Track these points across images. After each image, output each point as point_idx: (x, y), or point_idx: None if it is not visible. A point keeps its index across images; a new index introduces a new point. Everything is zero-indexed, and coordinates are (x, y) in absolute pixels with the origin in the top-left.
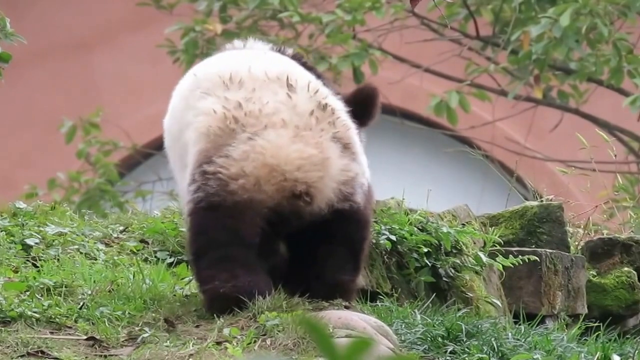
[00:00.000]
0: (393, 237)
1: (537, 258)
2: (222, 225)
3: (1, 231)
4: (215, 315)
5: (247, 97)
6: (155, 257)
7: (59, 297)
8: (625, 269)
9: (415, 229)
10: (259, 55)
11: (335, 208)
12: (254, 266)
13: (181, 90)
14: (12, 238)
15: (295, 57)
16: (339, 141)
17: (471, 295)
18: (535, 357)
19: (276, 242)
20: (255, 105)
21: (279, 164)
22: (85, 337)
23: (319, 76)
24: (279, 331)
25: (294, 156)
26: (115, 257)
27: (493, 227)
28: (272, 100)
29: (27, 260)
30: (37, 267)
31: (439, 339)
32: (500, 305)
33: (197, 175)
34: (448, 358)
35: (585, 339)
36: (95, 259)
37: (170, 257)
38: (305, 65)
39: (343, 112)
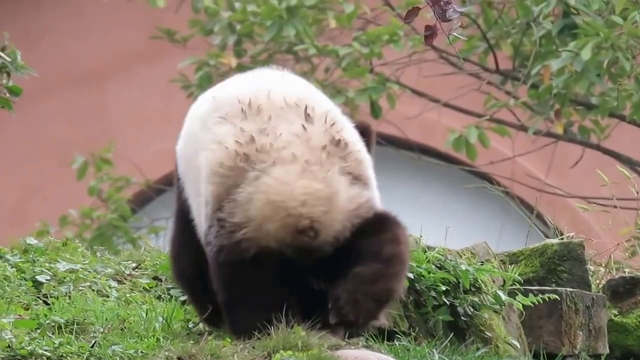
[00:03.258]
0: (411, 275)
1: (557, 297)
2: (241, 276)
3: (12, 267)
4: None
5: (261, 128)
6: (169, 294)
7: (70, 335)
8: None
9: (433, 266)
10: (278, 77)
11: (356, 225)
12: (280, 299)
13: (198, 112)
14: (22, 275)
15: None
16: (349, 174)
17: (490, 334)
18: None
19: (302, 276)
20: (268, 138)
21: (282, 200)
22: None
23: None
24: None
25: (298, 192)
26: (128, 295)
27: (513, 265)
28: (287, 131)
29: (38, 298)
30: (48, 304)
31: None
32: (519, 345)
33: (214, 221)
34: None
35: None
36: (108, 296)
37: (183, 295)
38: None
39: (357, 145)
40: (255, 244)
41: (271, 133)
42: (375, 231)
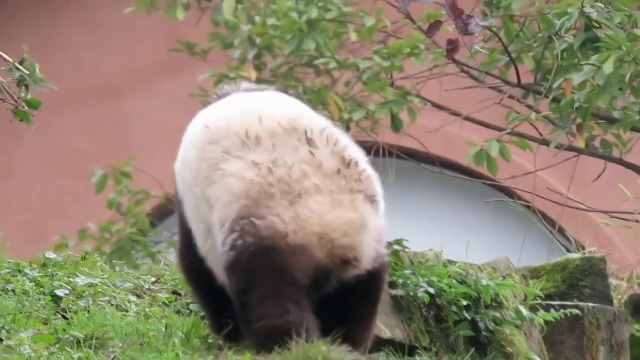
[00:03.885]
0: (431, 290)
1: (579, 312)
2: (274, 263)
3: (31, 282)
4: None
5: (272, 159)
6: (188, 309)
7: (89, 350)
8: None
9: (454, 281)
10: (262, 99)
11: (370, 268)
12: (304, 303)
13: (193, 139)
14: (41, 289)
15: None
16: (368, 198)
17: (511, 349)
18: None
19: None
20: (281, 169)
21: (326, 232)
22: None
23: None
24: None
25: (337, 222)
26: (147, 309)
27: (534, 280)
28: (296, 160)
29: (57, 312)
30: (67, 318)
31: None
32: None
33: (238, 226)
34: None
35: None
36: (127, 311)
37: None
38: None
39: (362, 160)
40: (302, 246)
41: (282, 164)
42: (361, 297)
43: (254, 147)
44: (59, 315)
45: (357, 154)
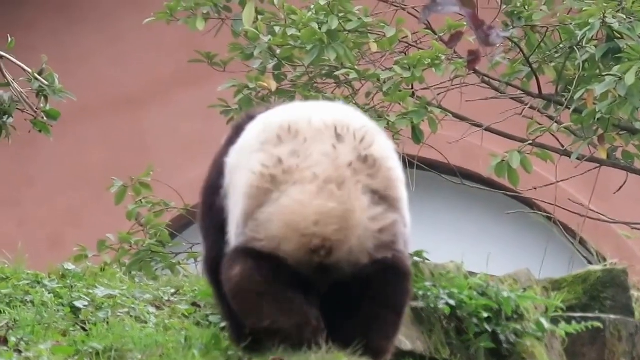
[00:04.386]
0: (452, 302)
1: (600, 324)
2: (264, 269)
3: (49, 293)
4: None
5: (293, 150)
6: (208, 320)
7: None
8: None
9: (475, 293)
10: (326, 105)
11: (376, 258)
12: (301, 303)
13: (253, 131)
14: (60, 300)
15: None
16: (375, 192)
17: None
18: None
19: (314, 298)
20: (298, 159)
21: (296, 221)
22: None
23: None
24: None
25: (311, 211)
26: (167, 321)
27: (555, 292)
28: (317, 151)
29: (76, 324)
30: (86, 330)
31: None
32: None
33: (239, 234)
34: None
35: None
36: (146, 323)
37: (222, 321)
38: None
39: (389, 161)
40: (274, 254)
41: (302, 154)
42: (379, 299)
43: (287, 141)
44: (78, 327)
45: (383, 154)
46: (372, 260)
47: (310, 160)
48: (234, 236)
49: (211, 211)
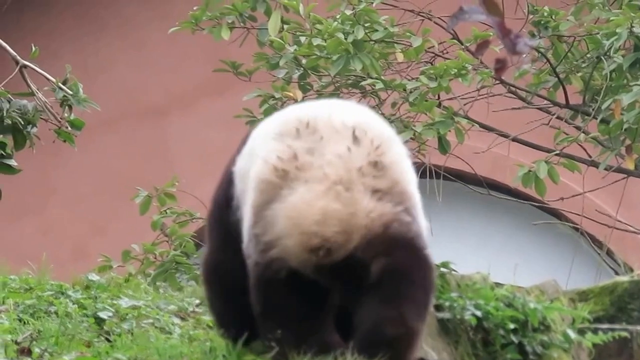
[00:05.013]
0: (478, 313)
1: (627, 335)
2: (274, 293)
3: (74, 304)
4: None
5: (310, 147)
6: None
7: None
8: None
9: (502, 304)
10: (347, 105)
11: (391, 254)
12: (316, 325)
13: (262, 131)
14: (84, 311)
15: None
16: (380, 191)
17: None
18: None
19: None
20: (312, 157)
21: (298, 219)
22: None
23: None
24: None
25: (313, 211)
26: (191, 332)
27: (582, 303)
28: (332, 151)
29: (100, 335)
30: (110, 341)
31: None
32: None
33: (251, 236)
34: None
35: None
36: (170, 334)
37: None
38: None
39: (400, 164)
40: (283, 264)
41: (317, 153)
42: (394, 286)
43: (305, 136)
44: (102, 338)
45: (394, 159)
46: (387, 257)
47: (323, 160)
48: (247, 241)
49: (219, 221)
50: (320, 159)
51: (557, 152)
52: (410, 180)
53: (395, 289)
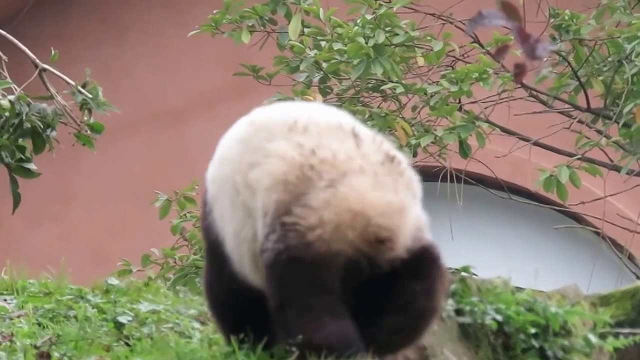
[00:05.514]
0: (499, 317)
1: None
2: (303, 276)
3: (93, 308)
4: None
5: (317, 144)
6: None
7: None
8: None
9: (522, 308)
10: (314, 106)
11: (411, 249)
12: (339, 312)
13: (235, 136)
14: (104, 315)
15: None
16: (410, 189)
17: None
18: None
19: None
20: (327, 152)
21: (363, 210)
22: None
23: None
24: None
25: (377, 202)
26: (211, 336)
27: (603, 308)
28: (342, 148)
29: (120, 339)
30: (130, 346)
31: None
32: None
33: (277, 226)
34: None
35: None
36: (190, 338)
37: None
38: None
39: (407, 164)
40: (327, 245)
41: (328, 148)
42: (416, 273)
43: (300, 134)
44: (122, 342)
45: (402, 156)
46: (407, 252)
47: (341, 155)
48: (262, 231)
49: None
50: (337, 153)
51: (579, 156)
52: (417, 176)
53: (426, 268)
